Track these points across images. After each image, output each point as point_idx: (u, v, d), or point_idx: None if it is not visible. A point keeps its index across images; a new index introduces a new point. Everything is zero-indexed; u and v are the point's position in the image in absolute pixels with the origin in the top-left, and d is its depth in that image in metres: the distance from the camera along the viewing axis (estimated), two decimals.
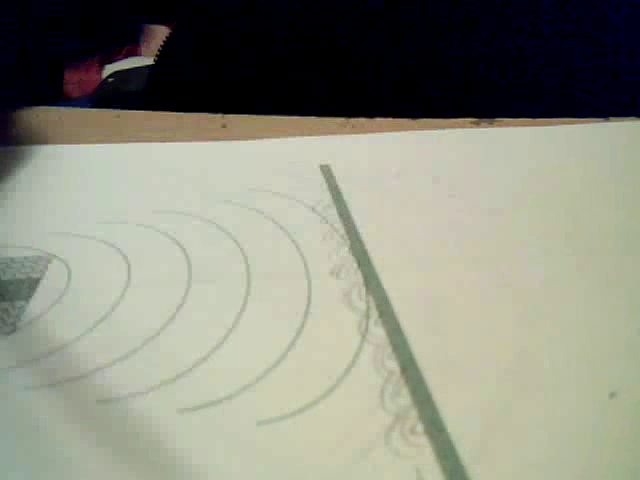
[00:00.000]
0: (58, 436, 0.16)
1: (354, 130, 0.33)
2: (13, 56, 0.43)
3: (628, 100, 0.42)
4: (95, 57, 0.78)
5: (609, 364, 0.18)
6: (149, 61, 0.52)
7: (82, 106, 0.60)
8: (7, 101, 0.36)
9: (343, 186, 0.27)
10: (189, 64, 0.48)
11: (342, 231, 0.24)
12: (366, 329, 0.19)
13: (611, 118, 0.34)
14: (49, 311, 0.20)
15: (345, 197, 0.27)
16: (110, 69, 0.83)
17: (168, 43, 0.50)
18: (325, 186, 0.28)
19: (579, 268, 0.22)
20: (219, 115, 0.35)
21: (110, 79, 0.82)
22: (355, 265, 0.22)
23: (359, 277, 0.22)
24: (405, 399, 0.17)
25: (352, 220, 0.25)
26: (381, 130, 0.33)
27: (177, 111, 0.36)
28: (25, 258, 0.23)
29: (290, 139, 0.32)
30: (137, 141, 0.32)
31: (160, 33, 0.53)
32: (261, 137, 0.32)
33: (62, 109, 0.37)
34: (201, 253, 0.23)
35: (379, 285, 0.21)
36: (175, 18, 0.50)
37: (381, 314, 0.20)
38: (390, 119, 0.34)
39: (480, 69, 0.42)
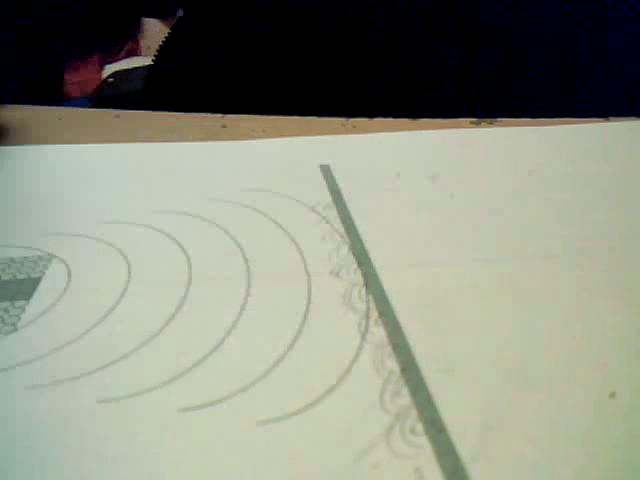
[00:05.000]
0: (58, 436, 0.16)
1: (354, 130, 0.33)
2: (13, 55, 0.43)
3: (628, 100, 0.42)
4: (95, 56, 0.78)
5: (609, 364, 0.18)
6: (149, 61, 0.52)
7: (82, 106, 0.61)
8: (7, 101, 0.36)
9: (343, 186, 0.27)
10: (189, 64, 0.48)
11: (342, 231, 0.24)
12: (366, 329, 0.19)
13: (611, 118, 0.34)
14: (49, 311, 0.20)
15: (345, 197, 0.27)
16: (110, 69, 0.83)
17: (167, 43, 0.50)
18: (325, 186, 0.28)
19: (579, 268, 0.22)
20: (219, 115, 0.35)
21: (110, 79, 0.82)
22: (355, 265, 0.22)
23: (359, 277, 0.22)
24: (405, 399, 0.17)
25: (352, 220, 0.25)
26: (381, 130, 0.33)
27: (177, 111, 0.36)
28: (25, 258, 0.23)
29: (290, 139, 0.32)
30: (137, 141, 0.32)
31: (156, 28, 0.53)
32: (261, 137, 0.32)
33: (62, 109, 0.37)
34: (201, 253, 0.23)
35: (379, 285, 0.21)
36: (170, 13, 0.50)
37: (381, 314, 0.20)
38: (390, 119, 0.34)
39: (480, 69, 0.42)
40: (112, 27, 0.48)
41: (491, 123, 0.33)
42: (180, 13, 0.50)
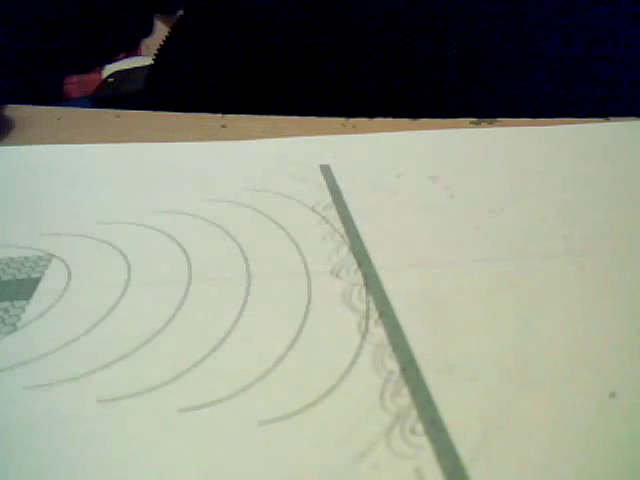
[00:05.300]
0: (58, 436, 0.16)
1: (354, 130, 0.33)
2: (13, 55, 0.43)
3: (628, 100, 0.42)
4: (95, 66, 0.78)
5: (609, 364, 0.18)
6: (149, 61, 0.52)
7: (82, 106, 0.61)
8: (7, 101, 0.36)
9: (343, 186, 0.27)
10: (189, 64, 0.48)
11: (342, 231, 0.24)
12: (366, 329, 0.19)
13: (611, 118, 0.34)
14: (49, 311, 0.20)
15: (345, 197, 0.27)
16: (110, 69, 0.83)
17: (168, 42, 0.50)
18: (325, 186, 0.28)
19: (579, 268, 0.22)
20: (219, 115, 0.35)
21: (110, 79, 0.82)
22: (355, 265, 0.22)
23: (359, 277, 0.22)
24: (405, 399, 0.17)
25: (352, 220, 0.25)
26: (381, 130, 0.33)
27: (177, 111, 0.36)
28: (25, 258, 0.23)
29: (290, 139, 0.32)
30: (137, 141, 0.32)
31: (156, 28, 0.53)
32: (261, 137, 0.32)
33: (62, 109, 0.37)
34: (201, 253, 0.23)
35: (379, 285, 0.21)
36: (172, 9, 0.51)
37: (381, 314, 0.20)
38: (390, 119, 0.34)
39: (480, 69, 0.42)
40: (114, 39, 0.49)
41: (491, 123, 0.33)
42: (180, 12, 0.50)
